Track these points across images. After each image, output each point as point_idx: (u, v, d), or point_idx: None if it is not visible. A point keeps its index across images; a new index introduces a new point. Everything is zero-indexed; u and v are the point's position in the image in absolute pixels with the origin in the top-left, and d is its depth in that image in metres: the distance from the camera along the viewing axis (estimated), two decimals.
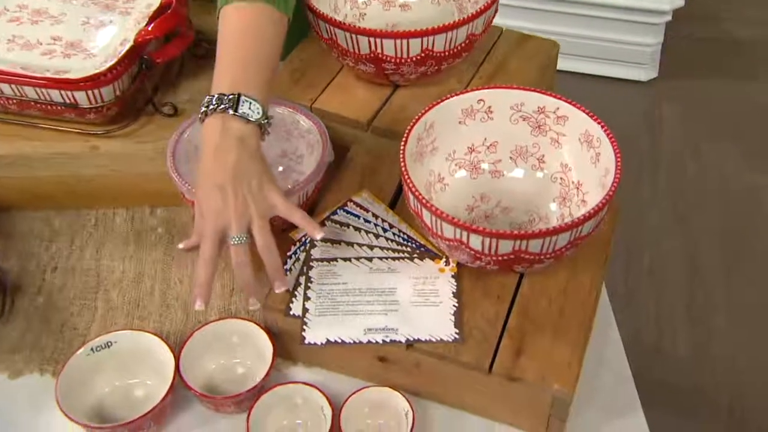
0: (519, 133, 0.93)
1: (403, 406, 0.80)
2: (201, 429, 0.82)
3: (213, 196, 0.78)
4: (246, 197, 0.79)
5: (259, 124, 0.81)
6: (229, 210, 0.78)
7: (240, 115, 0.79)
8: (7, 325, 0.92)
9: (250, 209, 0.79)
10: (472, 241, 0.76)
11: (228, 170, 0.78)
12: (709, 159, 2.23)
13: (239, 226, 0.78)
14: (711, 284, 1.90)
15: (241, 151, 0.79)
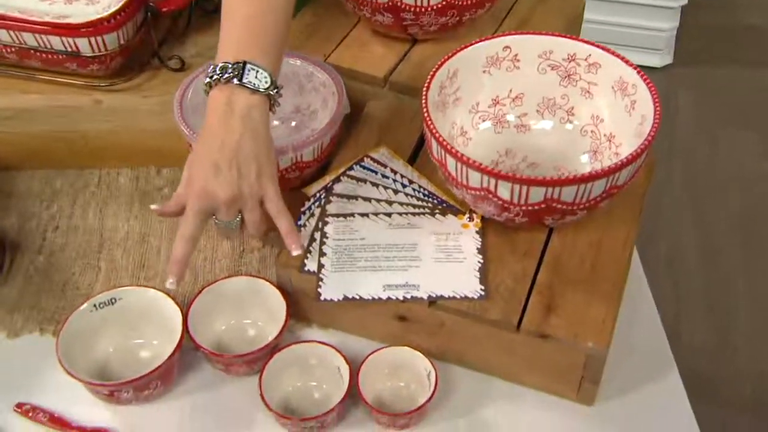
0: (547, 83, 0.88)
1: (424, 367, 0.75)
2: (210, 391, 0.77)
3: (206, 173, 0.72)
4: (240, 183, 0.73)
5: (267, 94, 0.75)
6: (220, 193, 0.72)
7: (246, 85, 0.73)
8: (5, 285, 0.87)
9: (242, 197, 0.73)
10: (501, 189, 0.71)
11: (227, 150, 0.72)
12: (724, 146, 2.18)
13: (228, 212, 0.74)
14: (728, 272, 1.86)
15: (244, 130, 0.73)
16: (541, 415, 0.76)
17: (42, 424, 0.74)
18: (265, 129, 0.75)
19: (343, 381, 0.73)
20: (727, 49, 2.50)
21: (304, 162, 0.86)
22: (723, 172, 2.11)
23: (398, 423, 0.72)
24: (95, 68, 0.95)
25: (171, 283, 0.74)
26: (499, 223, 0.80)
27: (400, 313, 0.77)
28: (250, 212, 0.75)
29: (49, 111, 0.97)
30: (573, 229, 0.80)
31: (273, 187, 0.75)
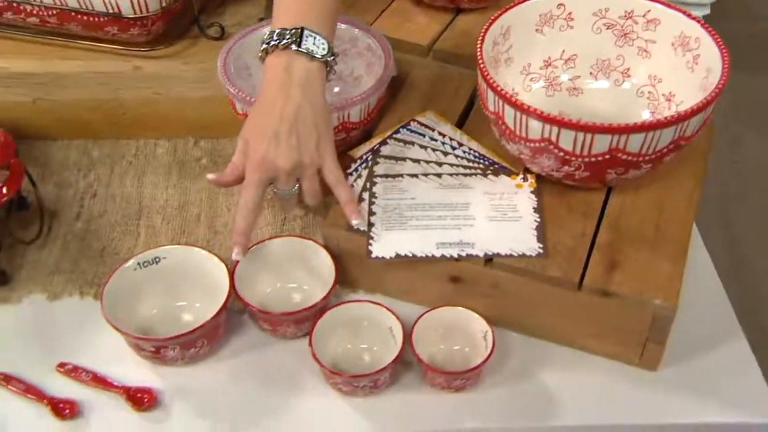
0: (601, 44, 0.85)
1: (480, 328, 0.71)
2: (256, 353, 0.75)
3: (264, 142, 0.71)
4: (300, 152, 0.71)
5: (324, 61, 0.73)
6: (280, 163, 0.71)
7: (304, 51, 0.72)
8: (44, 249, 0.85)
9: (302, 166, 0.72)
10: (563, 139, 0.68)
11: (286, 119, 0.71)
12: (749, 154, 2.14)
13: (287, 181, 0.73)
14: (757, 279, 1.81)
15: (303, 99, 0.71)
16: (601, 380, 0.72)
17: (84, 384, 0.71)
18: (322, 97, 0.74)
19: (395, 342, 0.70)
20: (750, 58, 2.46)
21: (350, 123, 0.84)
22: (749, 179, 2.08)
23: (453, 384, 0.69)
24: (135, 32, 0.93)
25: (237, 254, 0.73)
26: (555, 183, 0.77)
27: (453, 274, 0.74)
28: (309, 181, 0.73)
29: (88, 77, 0.95)
30: (632, 189, 0.77)
31: (331, 156, 0.74)
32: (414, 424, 0.69)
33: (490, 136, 0.82)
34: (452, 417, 0.69)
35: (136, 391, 0.70)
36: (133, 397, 0.70)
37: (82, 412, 0.69)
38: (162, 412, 0.70)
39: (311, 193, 0.74)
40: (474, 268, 0.72)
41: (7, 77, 0.94)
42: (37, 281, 0.82)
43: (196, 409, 0.70)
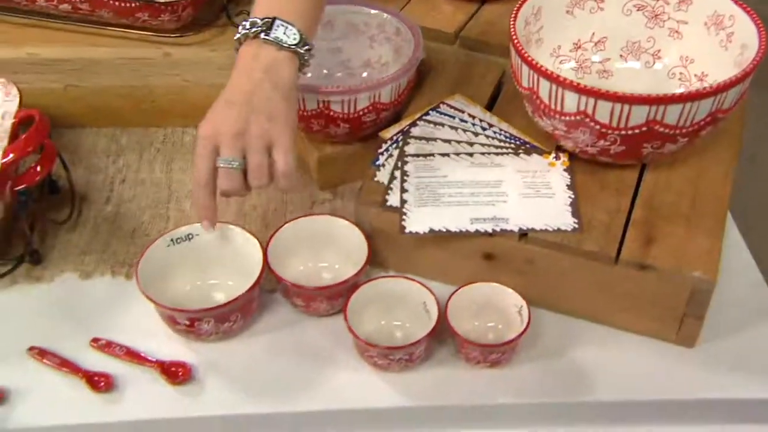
0: (632, 26, 0.85)
1: (515, 303, 0.71)
2: (289, 330, 0.74)
3: (217, 112, 0.70)
4: (248, 118, 0.68)
5: (294, 51, 0.71)
6: (225, 126, 0.68)
7: (272, 40, 0.70)
8: (74, 231, 0.86)
9: (248, 134, 0.68)
10: (600, 111, 0.68)
11: (243, 92, 0.69)
12: None
13: (232, 148, 0.68)
14: None
15: (264, 79, 0.70)
16: (637, 357, 0.71)
17: (118, 358, 0.71)
18: (288, 83, 0.71)
19: (429, 317, 0.70)
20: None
21: (381, 104, 0.84)
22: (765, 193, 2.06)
23: (489, 358, 0.69)
24: (166, 19, 0.94)
25: (206, 226, 0.72)
26: (588, 161, 0.77)
27: (487, 250, 0.73)
28: (253, 155, 0.68)
29: (118, 63, 0.96)
30: (666, 166, 0.76)
31: (286, 138, 0.69)
32: (448, 399, 0.69)
33: (519, 119, 0.83)
34: (487, 392, 0.69)
35: (170, 365, 0.70)
36: (168, 370, 0.69)
37: (116, 385, 0.69)
38: (196, 386, 0.69)
39: (255, 170, 0.68)
40: (508, 244, 0.72)
41: (40, 63, 0.95)
42: (68, 261, 0.82)
43: (231, 382, 0.70)
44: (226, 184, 0.69)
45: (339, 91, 0.80)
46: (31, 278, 0.80)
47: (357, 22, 0.95)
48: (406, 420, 0.69)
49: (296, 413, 0.68)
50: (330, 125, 0.84)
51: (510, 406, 0.69)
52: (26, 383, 0.69)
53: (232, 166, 0.69)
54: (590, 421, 0.70)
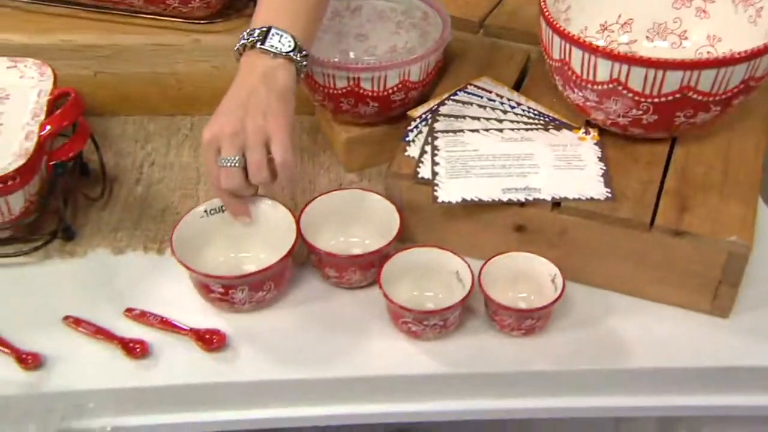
0: (657, 6, 0.85)
1: (548, 271, 0.71)
2: (321, 301, 0.75)
3: (216, 119, 0.72)
4: (245, 119, 0.70)
5: (289, 57, 0.73)
6: (225, 127, 0.70)
7: (267, 49, 0.72)
8: (106, 210, 0.87)
9: (245, 132, 0.71)
10: (633, 78, 0.68)
11: (240, 99, 0.72)
12: None
13: (231, 147, 0.70)
14: None
15: (260, 84, 0.72)
16: (673, 327, 0.71)
17: (152, 326, 0.71)
18: (283, 87, 0.73)
19: (462, 286, 0.70)
20: None
21: (410, 82, 0.84)
22: None
23: (524, 324, 0.69)
24: (196, 5, 0.95)
25: (244, 221, 0.75)
26: (618, 136, 0.77)
27: (518, 222, 0.74)
28: (251, 151, 0.70)
29: (148, 50, 0.97)
30: (696, 140, 0.77)
31: (282, 131, 0.71)
32: (482, 366, 0.68)
33: (547, 99, 0.83)
34: (521, 359, 0.69)
35: (205, 332, 0.70)
36: (202, 337, 0.70)
37: (152, 352, 0.69)
38: (230, 353, 0.70)
39: (254, 166, 0.71)
40: (540, 214, 0.72)
41: (71, 50, 0.97)
42: (101, 237, 0.83)
43: (265, 350, 0.70)
44: (228, 182, 0.71)
45: (369, 68, 0.81)
46: (64, 253, 0.81)
47: (383, 9, 0.96)
48: (440, 387, 0.69)
49: (331, 379, 0.68)
50: (359, 104, 0.85)
51: (546, 374, 0.68)
52: (62, 350, 0.70)
53: (232, 164, 0.71)
54: (626, 390, 0.69)
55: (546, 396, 0.69)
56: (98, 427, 0.66)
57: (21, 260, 0.79)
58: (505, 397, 0.69)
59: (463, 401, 0.69)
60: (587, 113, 0.77)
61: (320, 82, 0.84)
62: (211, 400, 0.68)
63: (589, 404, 0.70)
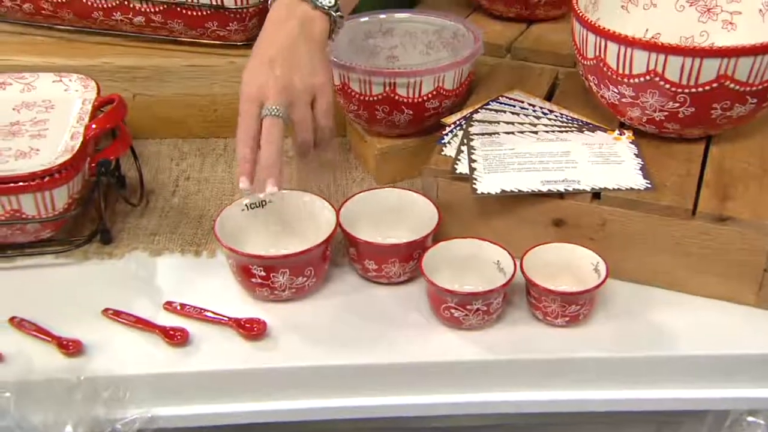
0: (684, 21, 0.88)
1: (590, 260, 0.70)
2: (361, 294, 0.74)
3: (259, 70, 0.71)
4: (291, 75, 0.70)
5: (329, 13, 0.73)
6: (271, 83, 0.69)
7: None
8: (143, 217, 0.87)
9: (293, 89, 0.70)
10: (670, 68, 0.69)
11: (281, 46, 0.70)
12: None
13: (277, 101, 0.69)
14: None
15: (299, 34, 0.71)
16: (718, 318, 0.70)
17: (192, 318, 0.71)
18: (322, 38, 0.73)
19: (504, 275, 0.70)
20: None
21: (444, 90, 0.86)
22: None
23: (568, 311, 0.68)
24: (233, 28, 0.98)
25: (243, 181, 0.70)
26: (652, 137, 0.78)
27: (557, 216, 0.74)
28: (299, 109, 0.70)
29: (186, 71, 1.00)
30: (730, 139, 0.78)
31: (328, 94, 0.71)
32: (526, 353, 0.67)
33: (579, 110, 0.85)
34: (564, 346, 0.68)
35: (245, 321, 0.70)
36: (243, 326, 0.69)
37: (192, 340, 0.69)
38: (271, 341, 0.69)
39: (301, 122, 0.71)
40: (580, 207, 0.73)
41: (112, 71, 1.00)
42: (138, 241, 0.84)
43: (305, 338, 0.69)
44: (271, 133, 0.69)
45: (405, 73, 0.83)
46: (103, 254, 0.81)
47: (414, 30, 0.99)
48: (483, 375, 0.67)
49: (372, 365, 0.67)
50: (394, 111, 0.86)
51: (593, 360, 0.67)
52: (102, 339, 0.69)
53: (278, 114, 0.69)
54: (671, 378, 0.68)
55: (591, 386, 0.68)
56: (138, 413, 0.64)
57: (60, 260, 0.80)
58: (550, 387, 0.68)
59: (507, 392, 0.68)
60: (621, 113, 0.79)
61: (356, 90, 0.86)
62: (252, 387, 0.67)
63: (637, 396, 0.68)
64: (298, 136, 0.71)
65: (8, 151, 0.79)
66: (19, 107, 0.88)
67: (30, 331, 0.69)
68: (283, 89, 0.70)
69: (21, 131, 0.83)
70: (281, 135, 0.70)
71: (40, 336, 0.68)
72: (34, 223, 0.75)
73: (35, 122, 0.85)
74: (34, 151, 0.79)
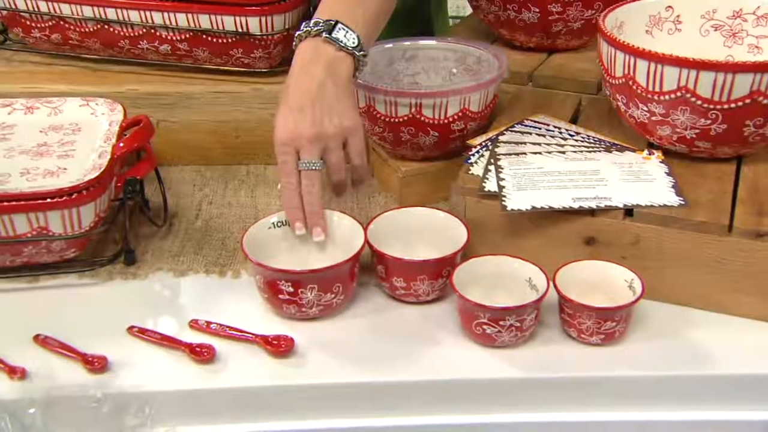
0: (709, 46, 0.88)
1: (624, 276, 0.69)
2: (389, 313, 0.73)
3: (290, 117, 0.73)
4: (323, 120, 0.72)
5: (352, 54, 0.75)
6: (304, 131, 0.72)
7: (333, 39, 0.74)
8: (167, 239, 0.87)
9: (326, 135, 0.72)
10: (702, 84, 0.69)
11: (309, 93, 0.73)
12: None
13: (312, 150, 0.72)
14: None
15: (325, 76, 0.74)
16: (756, 340, 0.68)
17: (218, 336, 0.70)
18: (347, 82, 0.75)
19: (537, 292, 0.68)
20: None
21: (470, 111, 0.86)
22: None
23: (604, 327, 0.66)
24: (258, 55, 0.99)
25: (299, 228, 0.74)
26: (682, 156, 0.78)
27: (589, 234, 0.73)
28: (333, 153, 0.73)
29: (210, 97, 1.00)
30: (763, 160, 0.77)
31: (359, 134, 0.74)
32: (560, 371, 0.65)
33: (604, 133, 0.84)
34: (600, 365, 0.66)
35: (273, 338, 0.68)
36: (271, 342, 0.68)
37: (219, 357, 0.67)
38: (299, 358, 0.67)
39: (335, 166, 0.73)
40: (612, 224, 0.71)
41: (136, 98, 1.00)
42: (162, 262, 0.83)
43: (333, 355, 0.68)
44: (311, 184, 0.73)
45: (432, 93, 0.83)
46: (127, 275, 0.80)
47: (437, 56, 0.99)
48: (516, 394, 0.66)
49: (403, 383, 0.65)
50: (420, 133, 0.86)
51: (628, 380, 0.65)
52: (128, 355, 0.68)
53: (314, 167, 0.73)
54: (711, 398, 0.66)
55: (628, 407, 0.66)
56: (164, 430, 0.63)
57: (84, 281, 0.79)
58: (585, 408, 0.66)
59: (540, 413, 0.66)
60: (651, 133, 0.78)
61: (382, 111, 0.86)
62: (281, 405, 0.65)
63: (675, 418, 0.66)
64: (333, 178, 0.74)
65: (36, 170, 0.79)
66: (46, 130, 0.88)
67: (54, 348, 0.68)
68: (315, 137, 0.72)
69: (48, 152, 0.83)
70: (320, 185, 0.73)
71: (64, 353, 0.67)
72: (60, 241, 0.75)
73: (62, 143, 0.85)
74: (61, 170, 0.79)
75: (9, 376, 0.65)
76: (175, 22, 0.98)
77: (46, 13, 1.01)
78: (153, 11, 0.98)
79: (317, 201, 0.73)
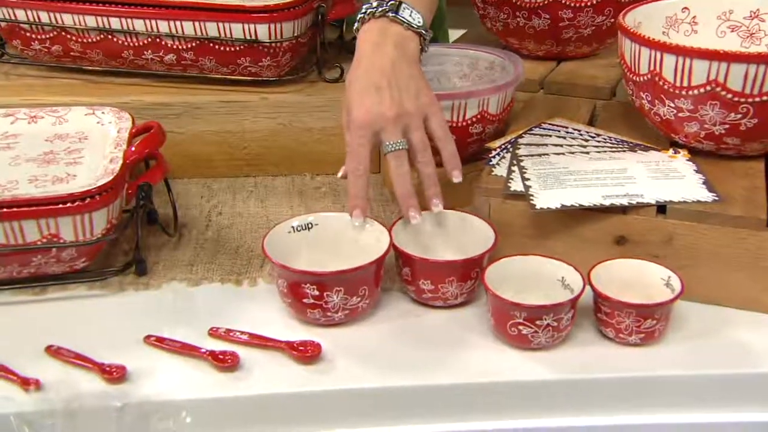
0: (726, 47, 0.86)
1: (661, 275, 0.67)
2: (416, 317, 0.71)
3: (367, 97, 0.70)
4: (402, 99, 0.70)
5: (419, 33, 0.74)
6: (385, 111, 0.70)
7: (400, 18, 0.73)
8: (178, 250, 0.84)
9: (407, 114, 0.71)
10: (732, 77, 0.68)
11: (385, 70, 0.71)
12: None
13: (395, 130, 0.70)
14: None
15: (397, 55, 0.72)
16: None
17: (240, 343, 0.67)
18: (418, 61, 0.74)
19: (572, 291, 0.66)
20: None
21: (489, 114, 0.85)
22: None
23: (643, 326, 0.64)
24: (266, 64, 0.97)
25: (357, 215, 0.71)
26: (710, 154, 0.76)
27: (620, 233, 0.71)
28: (415, 131, 0.71)
29: (217, 107, 0.98)
30: None
31: (437, 107, 0.73)
32: (597, 372, 0.63)
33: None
34: (640, 365, 0.63)
35: (299, 344, 0.65)
36: (296, 348, 0.65)
37: (243, 365, 0.64)
38: (326, 364, 0.64)
39: (421, 146, 0.71)
40: (644, 222, 0.70)
41: (142, 108, 0.98)
42: (175, 272, 0.80)
43: (361, 360, 0.65)
44: (400, 166, 0.70)
45: (450, 95, 0.82)
46: (139, 285, 0.77)
47: (449, 61, 0.98)
48: (552, 396, 0.63)
49: (435, 386, 0.63)
50: None
51: (670, 380, 0.63)
52: (146, 365, 0.65)
53: (400, 147, 0.70)
54: (755, 399, 0.63)
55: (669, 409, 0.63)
56: None
57: (95, 291, 0.76)
58: (625, 410, 0.63)
59: (578, 417, 0.63)
60: (676, 131, 0.77)
61: None
62: (309, 412, 0.62)
63: (718, 420, 0.63)
64: (418, 159, 0.72)
65: (44, 177, 0.76)
66: (51, 138, 0.85)
67: (69, 358, 0.65)
68: (397, 117, 0.70)
69: (56, 159, 0.80)
70: (409, 166, 0.71)
71: (80, 363, 0.64)
72: (70, 250, 0.72)
73: (69, 151, 0.82)
74: (71, 176, 0.77)
75: (23, 388, 0.61)
76: (182, 31, 0.96)
77: (48, 24, 0.99)
78: (158, 20, 0.96)
79: (410, 182, 0.71)
